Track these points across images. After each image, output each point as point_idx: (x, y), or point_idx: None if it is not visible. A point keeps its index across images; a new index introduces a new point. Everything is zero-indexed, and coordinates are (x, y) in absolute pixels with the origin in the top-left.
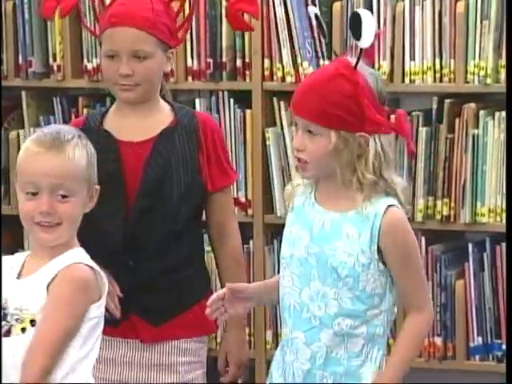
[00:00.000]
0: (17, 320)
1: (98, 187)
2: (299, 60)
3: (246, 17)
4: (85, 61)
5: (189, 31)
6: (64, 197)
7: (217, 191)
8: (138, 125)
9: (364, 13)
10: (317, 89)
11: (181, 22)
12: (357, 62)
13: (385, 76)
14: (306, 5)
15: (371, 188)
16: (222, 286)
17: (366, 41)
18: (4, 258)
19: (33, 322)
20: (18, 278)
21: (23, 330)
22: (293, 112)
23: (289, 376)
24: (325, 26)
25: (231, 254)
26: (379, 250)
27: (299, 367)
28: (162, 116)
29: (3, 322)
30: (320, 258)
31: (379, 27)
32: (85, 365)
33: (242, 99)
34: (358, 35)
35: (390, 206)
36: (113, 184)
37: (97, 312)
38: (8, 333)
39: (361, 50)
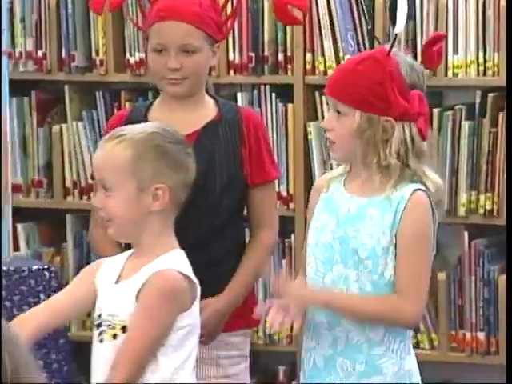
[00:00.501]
0: (109, 326)
1: (163, 187)
2: (341, 53)
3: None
4: (127, 55)
5: None
6: (106, 189)
7: (256, 186)
8: (183, 118)
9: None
10: (348, 70)
11: (226, 17)
12: (390, 48)
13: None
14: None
15: (398, 174)
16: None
17: (399, 27)
18: (107, 259)
19: (124, 329)
20: (116, 282)
21: (114, 336)
22: (326, 93)
23: (309, 362)
24: (366, 12)
25: (261, 249)
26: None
27: (321, 353)
28: (207, 110)
29: (100, 329)
30: (343, 241)
31: (422, 20)
32: (182, 375)
33: (284, 93)
34: (394, 22)
35: (416, 189)
36: None
37: (188, 320)
38: (101, 339)
39: (395, 36)
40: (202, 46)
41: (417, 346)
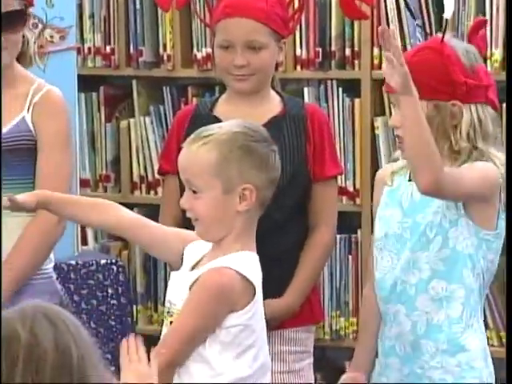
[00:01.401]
0: (168, 313)
1: (249, 187)
2: (409, 48)
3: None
4: (194, 50)
5: None
6: (194, 192)
7: (319, 182)
8: (248, 114)
9: None
10: (405, 63)
11: (292, 12)
12: (443, 35)
13: (497, 64)
14: None
15: (466, 156)
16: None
17: (448, 12)
18: (196, 242)
19: None
20: (191, 269)
21: (171, 323)
22: (386, 90)
23: (388, 349)
24: (413, 9)
25: (319, 248)
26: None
27: (405, 340)
28: (271, 105)
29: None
30: (413, 229)
31: (491, 15)
32: (236, 368)
33: (351, 88)
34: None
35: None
36: None
37: (238, 321)
38: (165, 324)
39: (446, 21)
40: (268, 42)
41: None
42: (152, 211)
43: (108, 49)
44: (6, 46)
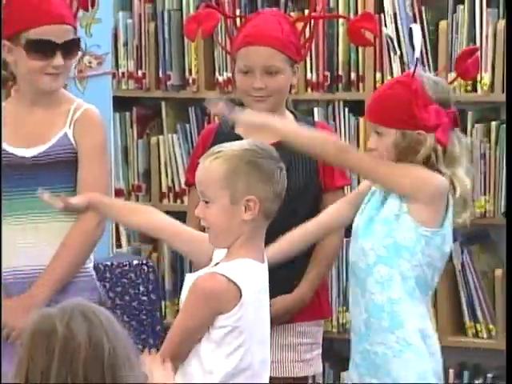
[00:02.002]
0: (177, 311)
1: (253, 199)
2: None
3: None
4: (216, 74)
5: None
6: (207, 202)
7: (329, 192)
8: (265, 131)
9: (414, 28)
10: (380, 97)
11: (304, 41)
12: (414, 71)
13: (486, 87)
14: (415, 20)
15: None
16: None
17: (417, 52)
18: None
19: None
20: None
21: None
22: (366, 118)
23: (354, 328)
24: (396, 46)
25: (326, 248)
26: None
27: (360, 319)
28: None
29: None
30: (365, 220)
31: (481, 43)
32: (224, 366)
33: (356, 108)
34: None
35: None
36: None
37: (228, 322)
38: None
39: (416, 59)
40: (283, 67)
41: (476, 335)
42: (179, 218)
43: (140, 73)
44: (62, 71)
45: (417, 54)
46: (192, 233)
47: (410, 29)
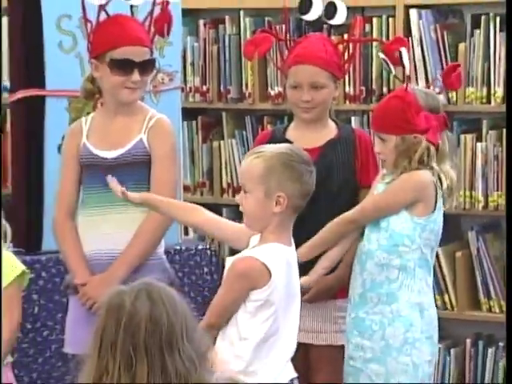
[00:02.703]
0: None
1: (283, 195)
2: (431, 87)
3: None
4: (269, 89)
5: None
6: (246, 192)
7: (364, 188)
8: (312, 136)
9: (403, 51)
10: (380, 108)
11: (344, 60)
12: (406, 86)
13: (499, 99)
14: (438, 47)
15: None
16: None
17: (407, 70)
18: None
19: None
20: None
21: None
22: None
23: (349, 297)
24: (391, 67)
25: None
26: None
27: (356, 292)
28: (329, 130)
29: None
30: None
31: (495, 62)
32: (257, 334)
33: None
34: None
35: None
36: None
37: (259, 296)
38: None
39: (408, 76)
40: (327, 83)
41: (489, 310)
42: (236, 210)
43: (204, 88)
44: (139, 86)
45: (407, 72)
46: (232, 226)
47: (400, 52)
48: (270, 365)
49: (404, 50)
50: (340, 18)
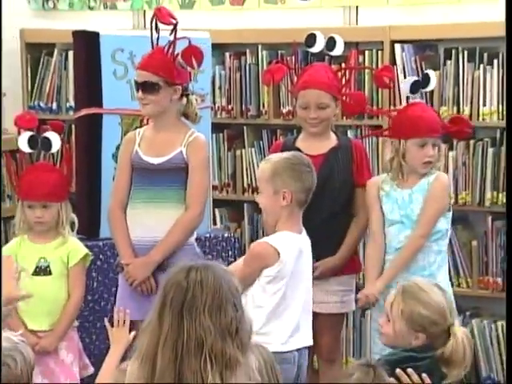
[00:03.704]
0: None
1: (287, 191)
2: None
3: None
4: (281, 107)
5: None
6: (260, 192)
7: (359, 187)
8: (317, 145)
9: (405, 81)
10: (432, 114)
11: (343, 84)
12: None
13: (466, 117)
14: (417, 74)
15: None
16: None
17: (406, 93)
18: None
19: None
20: None
21: None
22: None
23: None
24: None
25: (358, 228)
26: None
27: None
28: (331, 141)
29: None
30: (407, 216)
31: (463, 86)
32: (269, 303)
33: (376, 130)
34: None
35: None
36: None
37: (270, 272)
38: None
39: (408, 97)
40: (330, 103)
41: (458, 285)
42: (255, 206)
43: (229, 107)
44: (148, 102)
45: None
46: None
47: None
48: (280, 328)
49: (406, 81)
50: (338, 50)
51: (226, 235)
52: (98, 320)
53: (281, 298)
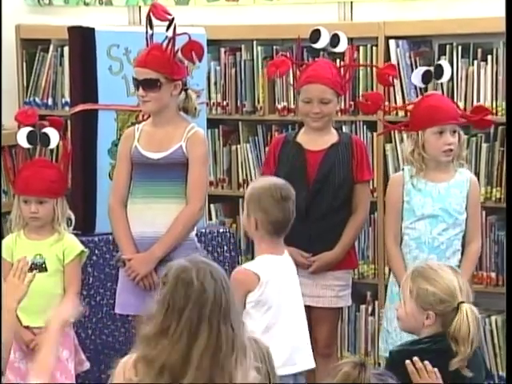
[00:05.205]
0: None
1: (255, 220)
2: (407, 102)
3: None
4: (276, 103)
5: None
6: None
7: (359, 183)
8: (318, 141)
9: (416, 71)
10: (448, 101)
11: (345, 80)
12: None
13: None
14: (412, 70)
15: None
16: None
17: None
18: None
19: None
20: None
21: None
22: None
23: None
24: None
25: (356, 224)
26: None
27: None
28: (332, 136)
29: None
30: (443, 210)
31: (457, 81)
32: (257, 328)
33: (371, 126)
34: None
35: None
36: (300, 175)
37: (252, 298)
38: None
39: (422, 89)
40: (332, 98)
41: None
42: None
43: (224, 103)
44: (149, 99)
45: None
46: None
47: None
48: (276, 348)
49: (418, 71)
50: (342, 46)
51: (221, 230)
52: (94, 315)
53: (269, 323)
